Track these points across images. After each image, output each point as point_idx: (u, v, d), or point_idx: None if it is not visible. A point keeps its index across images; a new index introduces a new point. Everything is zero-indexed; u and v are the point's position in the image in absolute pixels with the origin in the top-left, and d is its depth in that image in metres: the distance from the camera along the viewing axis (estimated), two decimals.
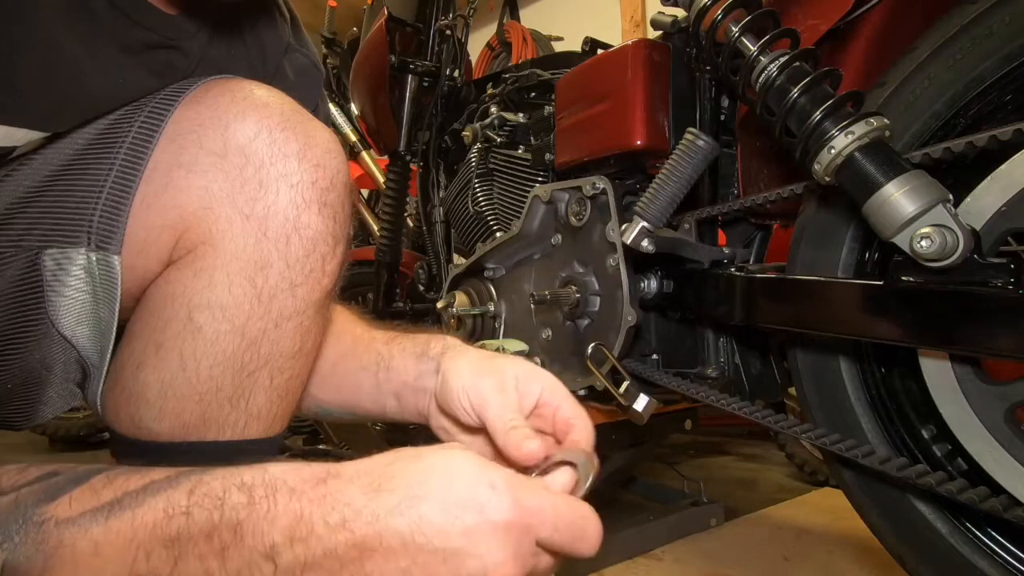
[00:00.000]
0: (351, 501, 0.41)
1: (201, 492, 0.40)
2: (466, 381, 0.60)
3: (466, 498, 0.41)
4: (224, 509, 0.40)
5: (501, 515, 0.41)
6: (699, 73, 1.03)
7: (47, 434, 2.32)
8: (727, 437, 2.39)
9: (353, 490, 0.41)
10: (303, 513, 0.40)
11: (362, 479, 0.42)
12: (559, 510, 0.43)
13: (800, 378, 0.88)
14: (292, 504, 0.40)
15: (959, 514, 0.74)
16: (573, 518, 0.44)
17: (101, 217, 0.56)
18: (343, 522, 0.40)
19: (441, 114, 1.56)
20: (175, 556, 0.38)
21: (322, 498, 0.41)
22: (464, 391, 0.59)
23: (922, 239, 0.65)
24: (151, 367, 0.57)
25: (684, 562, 1.25)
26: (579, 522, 0.44)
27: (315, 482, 0.42)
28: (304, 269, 0.60)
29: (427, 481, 0.42)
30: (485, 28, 3.77)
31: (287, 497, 0.41)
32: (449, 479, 0.42)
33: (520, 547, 0.41)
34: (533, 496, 0.43)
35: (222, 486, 0.41)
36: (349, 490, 0.41)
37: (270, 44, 0.70)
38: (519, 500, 0.42)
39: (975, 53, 0.69)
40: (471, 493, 0.41)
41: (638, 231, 0.88)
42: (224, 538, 0.39)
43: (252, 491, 0.41)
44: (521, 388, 0.60)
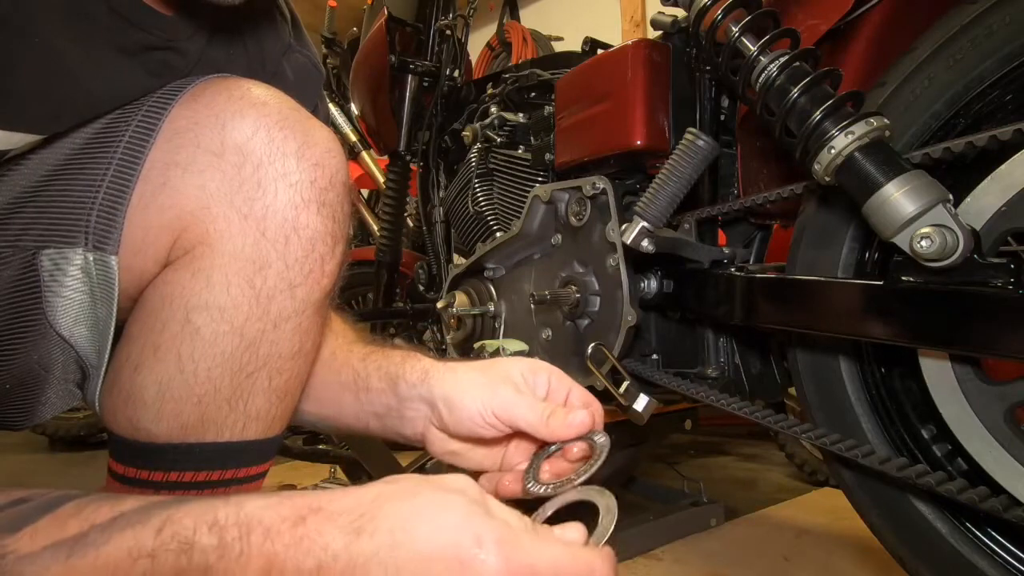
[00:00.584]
0: (328, 544, 0.39)
1: (169, 532, 0.38)
2: (483, 398, 0.60)
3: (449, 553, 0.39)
4: (193, 553, 0.38)
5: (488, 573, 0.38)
6: (699, 73, 1.02)
7: (47, 434, 2.32)
8: (727, 437, 2.39)
9: (332, 531, 0.40)
10: (276, 557, 0.38)
11: (344, 517, 0.40)
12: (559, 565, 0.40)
13: (800, 378, 0.87)
14: (266, 547, 0.39)
15: (959, 514, 0.74)
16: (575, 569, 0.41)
17: (98, 217, 0.56)
18: (318, 568, 0.38)
19: (441, 114, 1.56)
20: None
21: (299, 541, 0.39)
22: (486, 408, 0.59)
23: (922, 239, 0.65)
24: (149, 368, 0.57)
25: (684, 562, 1.25)
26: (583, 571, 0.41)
27: (293, 521, 0.40)
28: (303, 269, 0.59)
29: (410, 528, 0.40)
30: (485, 28, 3.77)
31: (261, 539, 0.39)
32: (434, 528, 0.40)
33: None
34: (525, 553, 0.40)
35: (193, 524, 0.39)
36: (328, 531, 0.40)
37: (269, 44, 0.70)
38: (508, 558, 0.39)
39: (975, 53, 0.69)
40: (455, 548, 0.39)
41: (638, 231, 0.88)
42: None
43: (224, 532, 0.39)
44: (529, 382, 0.61)
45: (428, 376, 0.64)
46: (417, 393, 0.64)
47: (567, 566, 0.40)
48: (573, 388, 0.62)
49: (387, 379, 0.66)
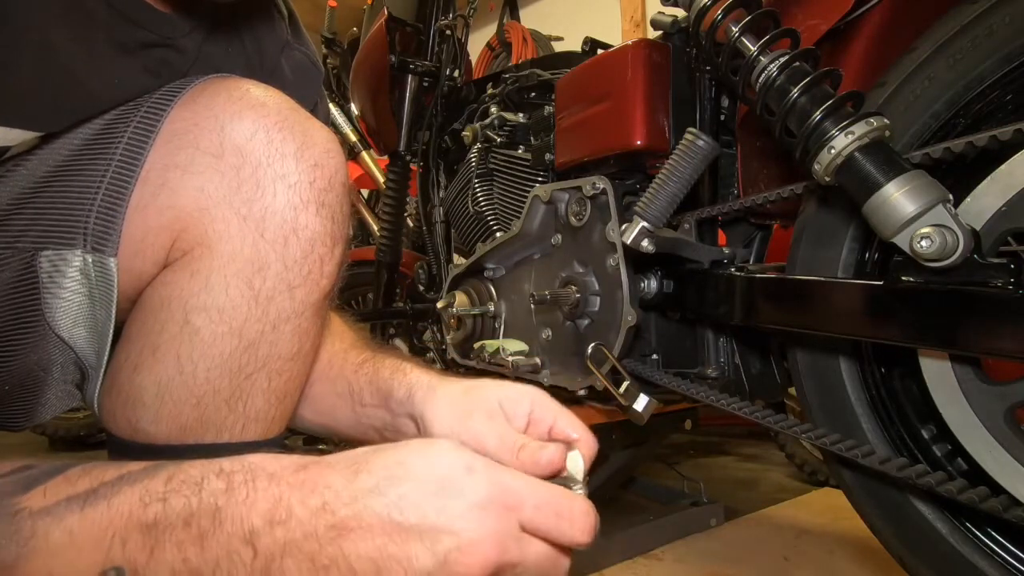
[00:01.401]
0: (331, 484, 0.41)
1: (179, 479, 0.40)
2: (452, 426, 0.59)
3: (444, 478, 0.42)
4: (202, 495, 0.40)
5: (477, 493, 0.42)
6: (699, 73, 1.02)
7: (47, 434, 2.32)
8: (727, 437, 2.39)
9: (332, 474, 0.42)
10: (282, 496, 0.40)
11: (342, 464, 0.43)
12: (538, 490, 0.44)
13: (800, 378, 0.87)
14: (271, 489, 0.41)
15: (959, 514, 0.74)
16: (553, 496, 0.44)
17: (97, 219, 0.56)
18: (323, 504, 0.40)
19: (441, 114, 1.56)
20: (151, 544, 0.38)
21: (302, 483, 0.41)
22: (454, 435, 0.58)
23: (922, 239, 0.65)
24: (148, 370, 0.57)
25: (684, 562, 1.25)
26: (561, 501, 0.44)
27: (295, 468, 0.42)
28: (302, 271, 0.59)
29: (406, 463, 0.43)
30: (485, 28, 3.77)
31: (266, 482, 0.41)
32: (428, 462, 0.43)
33: (498, 526, 0.41)
34: (511, 477, 0.44)
35: (200, 473, 0.41)
36: (328, 474, 0.42)
37: (267, 42, 0.70)
38: (497, 480, 0.43)
39: (975, 53, 0.69)
40: (449, 473, 0.42)
41: (638, 231, 0.88)
42: (202, 524, 0.39)
43: (231, 477, 0.41)
44: (508, 410, 0.59)
45: (412, 394, 0.65)
46: (405, 411, 0.65)
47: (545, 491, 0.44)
48: (560, 417, 0.59)
49: (379, 395, 0.67)
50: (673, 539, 1.35)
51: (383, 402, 0.67)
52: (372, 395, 0.68)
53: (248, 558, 0.39)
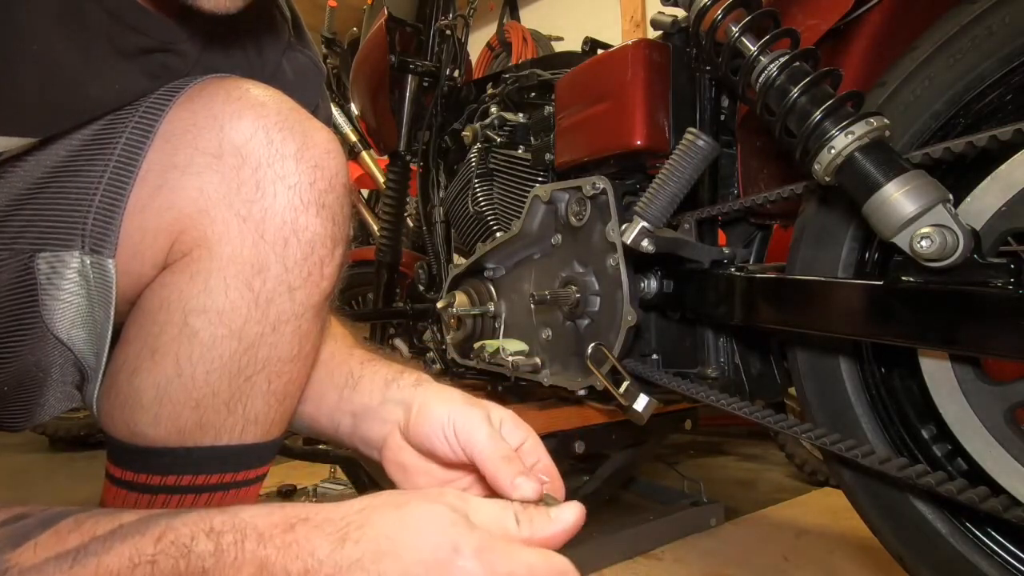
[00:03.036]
0: (315, 550, 0.41)
1: (168, 539, 0.40)
2: (452, 408, 0.58)
3: (429, 559, 0.41)
4: (191, 557, 0.40)
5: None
6: (699, 73, 1.02)
7: (47, 434, 2.33)
8: (727, 437, 2.39)
9: (318, 538, 0.42)
10: (268, 560, 0.40)
11: (330, 526, 0.42)
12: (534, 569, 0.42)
13: (800, 378, 0.87)
14: (259, 551, 0.41)
15: (959, 514, 0.74)
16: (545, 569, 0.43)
17: (95, 220, 0.56)
18: (304, 572, 0.40)
19: (441, 114, 1.56)
20: None
21: (288, 545, 0.41)
22: (450, 418, 0.57)
23: (922, 239, 0.65)
24: (146, 372, 0.56)
25: (684, 562, 1.25)
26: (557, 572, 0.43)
27: (284, 528, 0.42)
28: (302, 272, 0.59)
29: (394, 536, 0.42)
30: (485, 28, 3.76)
31: (255, 544, 0.41)
32: (417, 535, 0.42)
33: None
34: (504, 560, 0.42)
35: (190, 532, 0.41)
36: (315, 538, 0.42)
37: (269, 45, 0.69)
38: (487, 562, 0.41)
39: (975, 53, 0.69)
40: (435, 553, 0.41)
41: (638, 231, 0.88)
42: None
43: (220, 538, 0.41)
44: (505, 432, 0.58)
45: (420, 383, 0.64)
46: (402, 396, 0.63)
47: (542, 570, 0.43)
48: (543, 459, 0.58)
49: (382, 382, 0.66)
50: (673, 539, 1.35)
51: (382, 387, 0.65)
52: (372, 382, 0.66)
53: None
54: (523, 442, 0.59)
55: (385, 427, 0.64)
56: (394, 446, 0.63)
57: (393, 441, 0.63)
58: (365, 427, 0.65)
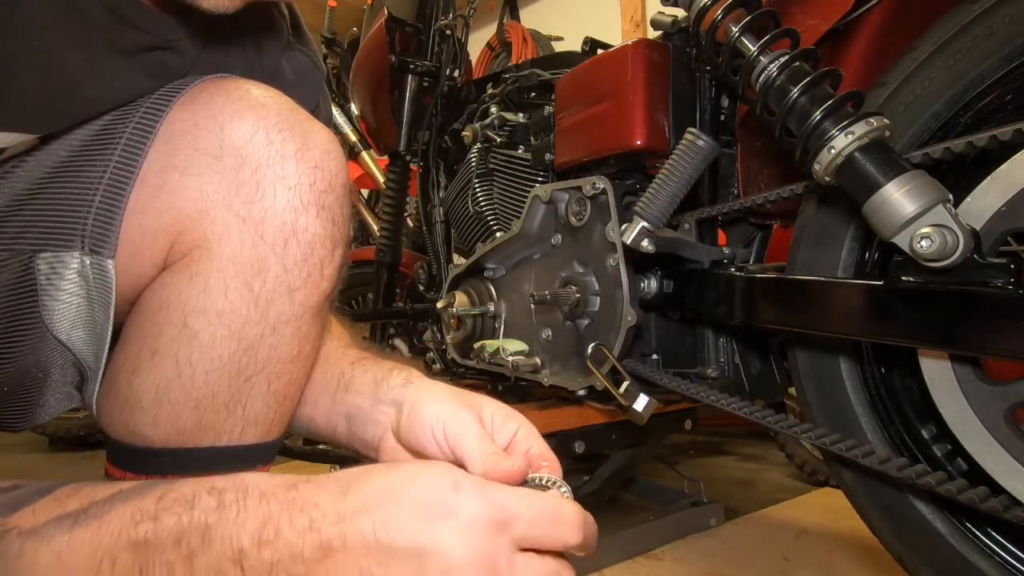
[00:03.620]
0: (319, 502, 0.41)
1: (171, 497, 0.40)
2: (442, 410, 0.57)
3: (433, 497, 0.42)
4: (193, 512, 0.39)
5: (466, 512, 0.41)
6: (699, 73, 1.02)
7: (47, 434, 2.33)
8: (727, 437, 2.39)
9: (321, 493, 0.42)
10: (271, 515, 0.40)
11: (332, 484, 0.43)
12: (531, 502, 0.43)
13: (800, 378, 0.87)
14: (262, 507, 0.40)
15: (959, 514, 0.74)
16: (547, 506, 0.44)
17: (95, 221, 0.55)
18: (309, 523, 0.40)
19: (441, 114, 1.56)
20: (140, 563, 0.38)
21: (291, 501, 0.41)
22: (439, 419, 0.56)
23: (922, 239, 0.65)
24: (146, 373, 0.56)
25: (684, 562, 1.25)
26: (555, 509, 0.44)
27: (286, 487, 0.42)
28: (302, 273, 0.59)
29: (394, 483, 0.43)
30: (485, 28, 3.76)
31: (257, 500, 0.41)
32: (417, 481, 0.43)
33: (488, 547, 0.41)
34: (503, 493, 0.43)
35: (192, 490, 0.41)
36: (317, 493, 0.42)
37: (268, 44, 0.69)
38: (487, 496, 0.42)
39: (975, 53, 0.69)
40: (438, 493, 0.42)
41: (638, 231, 0.88)
42: (192, 543, 0.39)
43: (223, 495, 0.41)
44: (496, 426, 0.58)
45: (409, 382, 0.63)
46: (392, 396, 0.62)
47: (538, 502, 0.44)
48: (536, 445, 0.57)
49: (371, 382, 0.65)
50: (673, 539, 1.35)
51: (372, 389, 0.64)
52: (363, 383, 0.66)
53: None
54: (515, 433, 0.58)
55: (379, 429, 0.63)
56: (389, 448, 0.63)
57: (387, 443, 0.63)
58: (360, 429, 0.65)
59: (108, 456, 0.60)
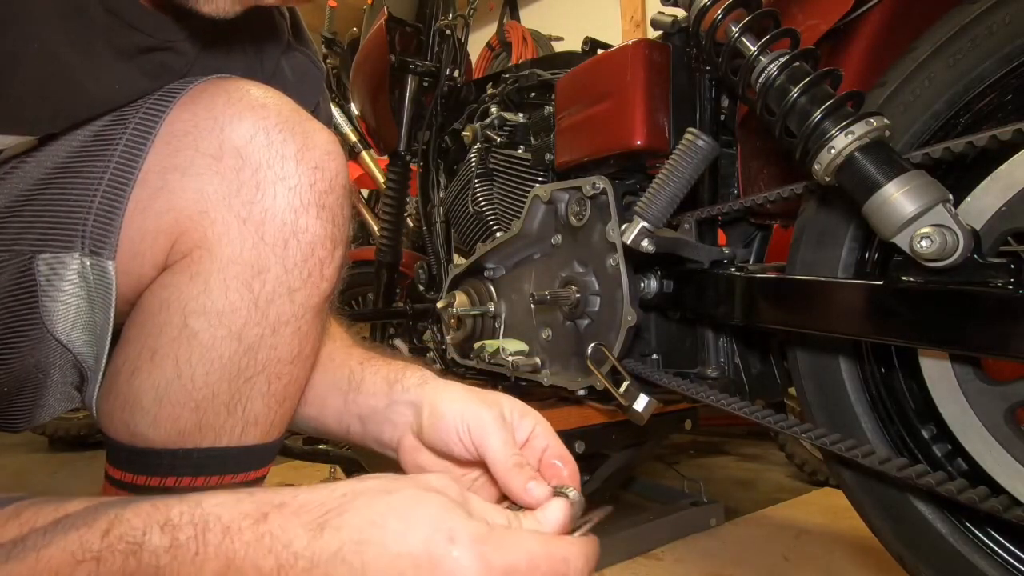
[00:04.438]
0: (290, 542, 0.37)
1: (116, 533, 0.36)
2: (465, 409, 0.57)
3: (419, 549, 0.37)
4: (142, 555, 0.36)
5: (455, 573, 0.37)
6: (699, 73, 1.02)
7: (47, 434, 2.33)
8: (727, 437, 2.39)
9: (295, 527, 0.38)
10: (235, 557, 0.37)
11: (308, 513, 0.39)
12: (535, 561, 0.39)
13: (800, 378, 0.87)
14: (224, 545, 0.37)
15: (959, 514, 0.74)
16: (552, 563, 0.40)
17: (95, 221, 0.55)
18: (278, 568, 0.37)
19: (441, 114, 1.56)
20: None
21: (259, 539, 0.37)
22: (463, 419, 0.56)
23: (922, 239, 0.65)
24: (146, 373, 0.56)
25: (684, 562, 1.25)
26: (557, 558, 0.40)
27: (255, 518, 0.38)
28: (302, 274, 0.59)
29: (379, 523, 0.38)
30: (485, 28, 3.76)
31: (220, 537, 0.37)
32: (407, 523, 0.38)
33: None
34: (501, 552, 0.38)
35: (142, 525, 0.36)
36: (290, 527, 0.38)
37: (268, 44, 0.69)
38: (483, 556, 0.38)
39: (975, 53, 0.69)
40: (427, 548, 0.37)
41: (638, 231, 0.88)
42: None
43: (177, 532, 0.36)
44: (515, 423, 0.58)
45: (425, 382, 0.63)
46: (408, 397, 0.62)
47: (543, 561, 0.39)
48: (552, 443, 0.57)
49: (384, 382, 0.65)
50: (673, 539, 1.35)
51: (386, 390, 0.64)
52: (375, 384, 0.65)
53: None
54: (532, 429, 0.58)
55: (396, 430, 0.63)
56: (409, 447, 0.62)
57: (407, 443, 0.62)
58: (376, 430, 0.64)
59: (108, 457, 0.60)
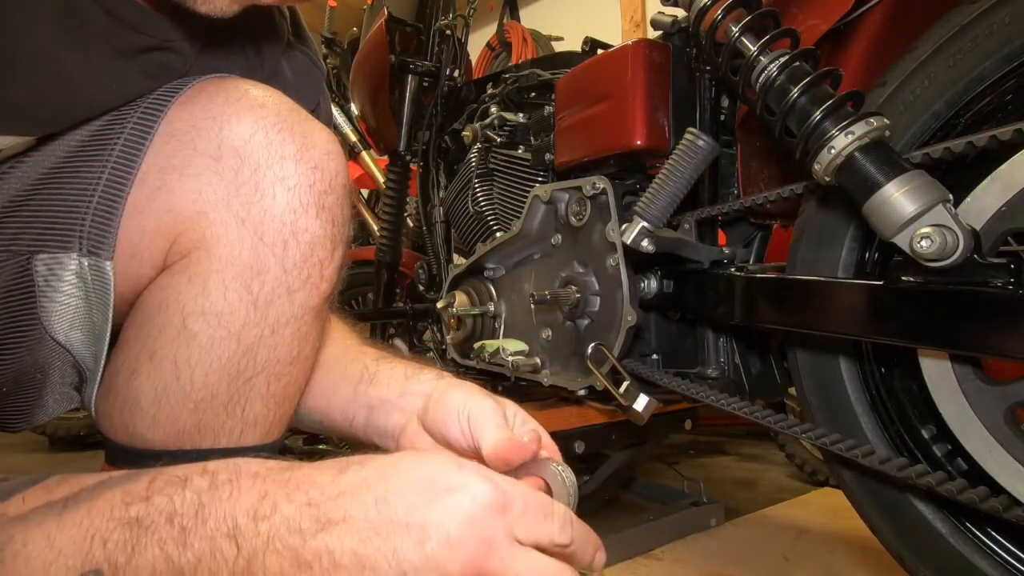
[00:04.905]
0: (317, 481, 0.41)
1: (162, 480, 0.40)
2: (467, 400, 0.58)
3: (435, 474, 0.42)
4: (186, 492, 0.39)
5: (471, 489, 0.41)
6: (699, 73, 1.02)
7: (47, 434, 2.32)
8: (727, 437, 2.39)
9: (318, 473, 0.42)
10: (267, 492, 0.40)
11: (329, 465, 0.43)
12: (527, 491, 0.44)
13: (800, 378, 0.87)
14: (257, 485, 0.40)
15: (959, 514, 0.74)
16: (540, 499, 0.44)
17: (93, 222, 0.55)
18: (308, 499, 0.40)
19: (441, 114, 1.56)
20: (132, 542, 0.37)
21: (287, 480, 0.41)
22: (465, 406, 0.57)
23: (922, 239, 0.65)
24: (145, 374, 0.56)
25: (684, 562, 1.25)
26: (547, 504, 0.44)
27: (281, 468, 0.42)
28: (301, 274, 0.59)
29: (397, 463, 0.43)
30: (485, 28, 3.76)
31: (251, 480, 0.40)
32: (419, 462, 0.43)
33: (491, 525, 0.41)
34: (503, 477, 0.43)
35: (184, 472, 0.41)
36: (314, 473, 0.42)
37: (267, 44, 0.69)
38: (490, 478, 0.42)
39: (975, 53, 0.69)
40: (440, 470, 0.42)
41: (638, 231, 0.88)
42: (185, 521, 0.38)
43: (215, 475, 0.40)
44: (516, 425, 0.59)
45: (441, 377, 0.65)
46: (423, 389, 0.64)
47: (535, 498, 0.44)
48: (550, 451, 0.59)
49: (401, 377, 0.66)
50: (673, 539, 1.35)
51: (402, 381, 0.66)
52: (391, 376, 0.67)
53: (231, 555, 0.38)
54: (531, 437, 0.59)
55: (404, 416, 0.64)
56: (411, 433, 0.63)
57: (411, 428, 0.63)
58: (382, 418, 0.65)
59: (107, 457, 0.60)
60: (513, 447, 0.52)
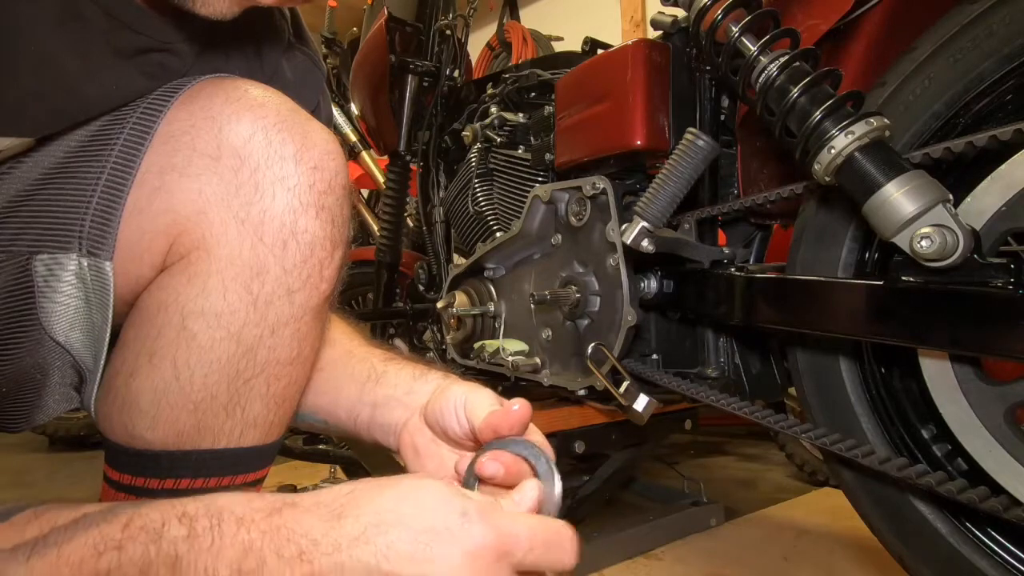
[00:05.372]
0: (308, 531, 0.39)
1: (137, 524, 0.37)
2: (467, 392, 0.59)
3: (438, 525, 0.40)
4: (161, 543, 0.37)
5: (474, 541, 0.40)
6: (699, 73, 1.02)
7: (47, 434, 2.33)
8: (727, 437, 2.39)
9: (311, 519, 0.39)
10: (252, 545, 0.38)
11: (321, 509, 0.41)
12: (533, 529, 0.43)
13: (800, 378, 0.87)
14: (240, 535, 0.38)
15: (959, 514, 0.74)
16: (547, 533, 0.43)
17: (92, 222, 0.55)
18: (299, 554, 0.38)
19: (441, 114, 1.56)
20: None
21: (276, 529, 0.38)
22: (465, 397, 0.59)
23: (922, 239, 0.65)
24: (144, 375, 0.56)
25: (684, 562, 1.25)
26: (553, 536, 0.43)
27: (268, 512, 0.39)
28: (301, 275, 0.59)
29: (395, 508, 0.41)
30: (485, 28, 3.76)
31: (234, 527, 0.38)
32: (419, 506, 0.41)
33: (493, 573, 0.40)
34: (506, 520, 0.42)
35: (160, 517, 0.38)
36: (306, 519, 0.39)
37: (267, 44, 0.69)
38: (493, 525, 0.41)
39: (975, 53, 0.69)
40: (443, 520, 0.40)
41: (638, 231, 0.88)
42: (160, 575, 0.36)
43: (194, 522, 0.38)
44: None
45: (448, 376, 0.66)
46: (428, 388, 0.65)
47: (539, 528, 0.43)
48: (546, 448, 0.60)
49: (409, 377, 0.67)
50: (673, 539, 1.35)
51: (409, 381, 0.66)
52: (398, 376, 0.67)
53: None
54: None
55: (407, 412, 0.65)
56: (412, 428, 0.64)
57: (412, 423, 0.64)
58: (386, 414, 0.66)
59: (106, 458, 0.60)
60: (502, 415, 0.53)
